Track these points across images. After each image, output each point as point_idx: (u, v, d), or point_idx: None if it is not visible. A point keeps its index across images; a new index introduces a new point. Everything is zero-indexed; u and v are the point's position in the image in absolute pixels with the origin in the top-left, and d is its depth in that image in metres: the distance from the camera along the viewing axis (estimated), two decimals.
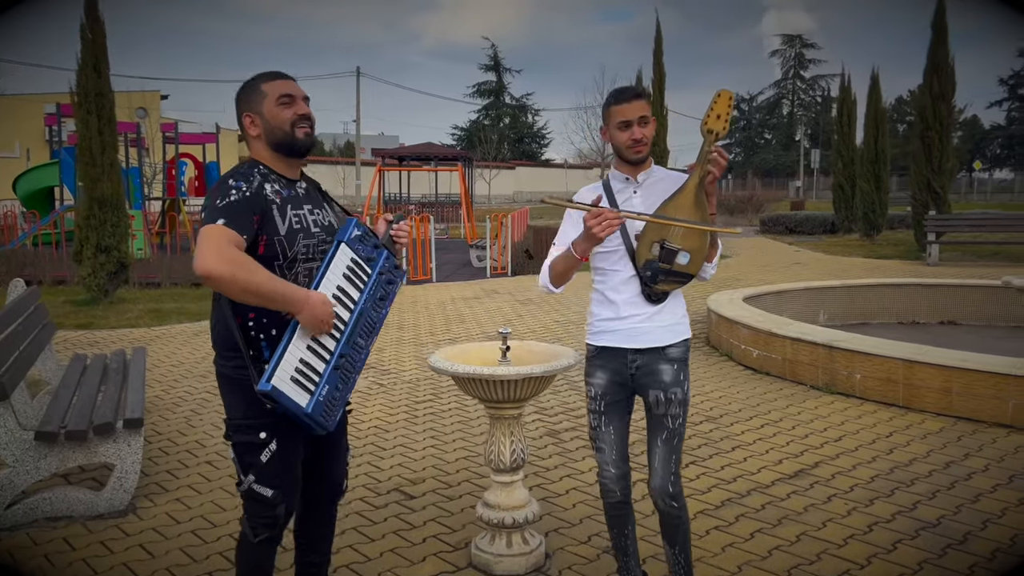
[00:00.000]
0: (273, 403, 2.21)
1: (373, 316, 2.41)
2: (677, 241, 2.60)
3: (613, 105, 2.66)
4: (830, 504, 3.88)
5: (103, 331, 8.93)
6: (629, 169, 2.75)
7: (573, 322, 9.14)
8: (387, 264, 2.45)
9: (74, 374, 4.91)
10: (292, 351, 2.25)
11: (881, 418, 5.29)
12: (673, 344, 2.72)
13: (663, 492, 2.71)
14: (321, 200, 2.54)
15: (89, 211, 10.14)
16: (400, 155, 30.58)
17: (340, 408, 2.33)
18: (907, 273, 12.84)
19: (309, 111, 2.41)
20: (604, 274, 2.79)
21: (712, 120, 2.56)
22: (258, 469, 2.36)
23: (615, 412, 2.80)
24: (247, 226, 2.21)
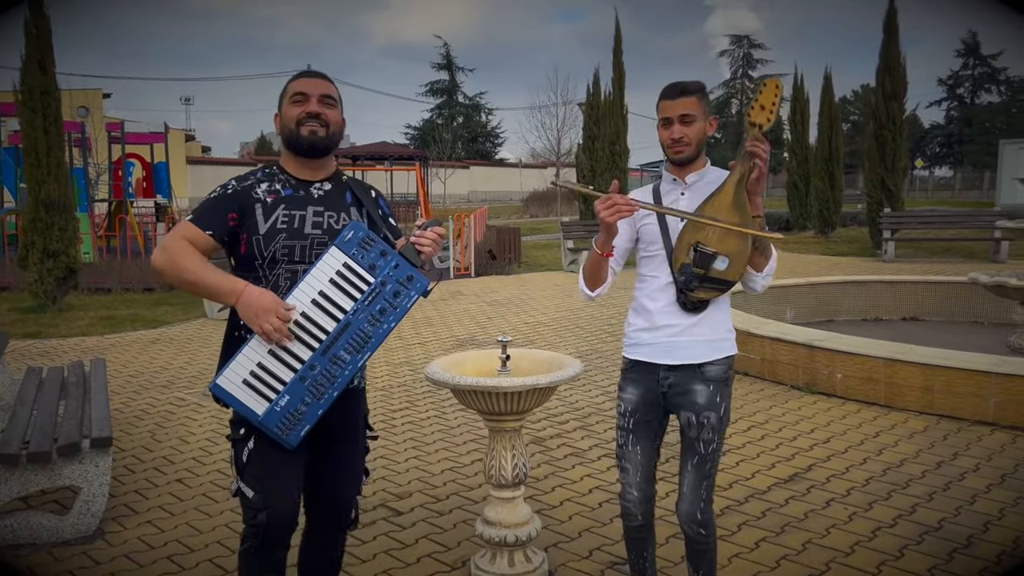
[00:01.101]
0: (223, 405, 2.13)
1: (366, 330, 2.19)
2: (713, 244, 2.39)
3: (660, 100, 2.49)
4: (830, 509, 3.81)
5: (53, 340, 8.52)
6: (677, 170, 2.57)
7: (544, 324, 9.02)
8: (394, 273, 2.23)
9: (30, 389, 4.61)
10: (249, 354, 2.14)
11: (865, 418, 5.27)
12: (711, 362, 2.50)
13: (690, 518, 2.54)
14: (348, 205, 2.36)
15: (35, 214, 9.69)
16: (354, 154, 30.13)
17: (306, 424, 2.15)
18: (865, 270, 13.02)
19: (320, 110, 2.27)
20: (643, 280, 2.61)
21: (755, 112, 2.38)
22: (242, 468, 2.26)
23: (643, 432, 2.62)
24: (215, 222, 2.21)
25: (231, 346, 2.25)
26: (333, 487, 2.44)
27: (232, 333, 2.29)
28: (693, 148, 2.48)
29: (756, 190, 2.39)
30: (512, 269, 14.71)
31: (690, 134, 2.46)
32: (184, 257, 2.15)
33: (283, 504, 2.26)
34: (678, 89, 2.47)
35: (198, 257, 2.17)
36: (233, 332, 2.29)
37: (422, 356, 7.45)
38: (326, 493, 2.44)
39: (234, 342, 2.26)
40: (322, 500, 2.45)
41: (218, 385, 2.12)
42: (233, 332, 2.29)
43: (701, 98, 2.47)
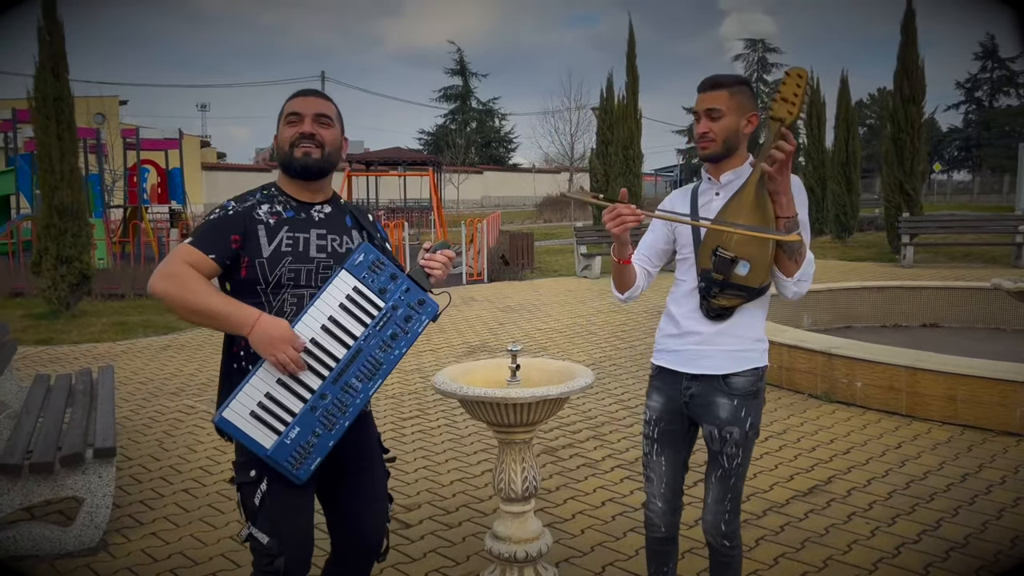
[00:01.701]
0: (229, 439, 2.02)
1: (378, 356, 2.10)
2: (732, 248, 2.25)
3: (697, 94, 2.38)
4: (851, 524, 3.69)
5: (64, 346, 8.51)
6: (712, 168, 2.42)
7: (557, 330, 8.92)
8: (405, 297, 2.14)
9: (37, 397, 4.57)
10: (256, 384, 2.02)
11: (886, 428, 5.13)
12: (736, 373, 2.37)
13: (714, 529, 2.44)
14: (349, 228, 2.27)
15: (48, 220, 9.70)
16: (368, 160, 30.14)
17: (317, 456, 2.04)
18: (883, 275, 12.83)
19: (314, 130, 2.18)
20: (675, 284, 2.51)
21: (777, 105, 2.20)
22: (254, 512, 2.12)
23: (669, 442, 2.51)
24: (217, 245, 2.10)
25: (231, 378, 2.14)
26: (360, 520, 2.30)
27: (231, 365, 2.17)
28: (719, 145, 2.33)
29: (776, 188, 2.23)
30: (525, 275, 14.62)
31: (716, 129, 2.32)
32: (192, 284, 2.02)
33: (301, 547, 2.16)
34: (710, 82, 2.35)
35: (206, 283, 2.05)
36: (232, 364, 2.17)
37: (433, 363, 7.37)
38: (353, 527, 2.31)
39: (234, 374, 2.14)
40: (350, 534, 2.32)
41: (224, 418, 1.99)
42: (232, 364, 2.17)
43: (735, 93, 2.32)
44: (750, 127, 2.36)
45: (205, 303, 2.01)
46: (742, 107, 2.33)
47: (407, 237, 14.08)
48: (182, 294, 2.01)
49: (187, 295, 2.01)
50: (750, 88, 2.38)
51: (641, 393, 6.10)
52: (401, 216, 22.50)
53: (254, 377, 2.03)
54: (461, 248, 14.44)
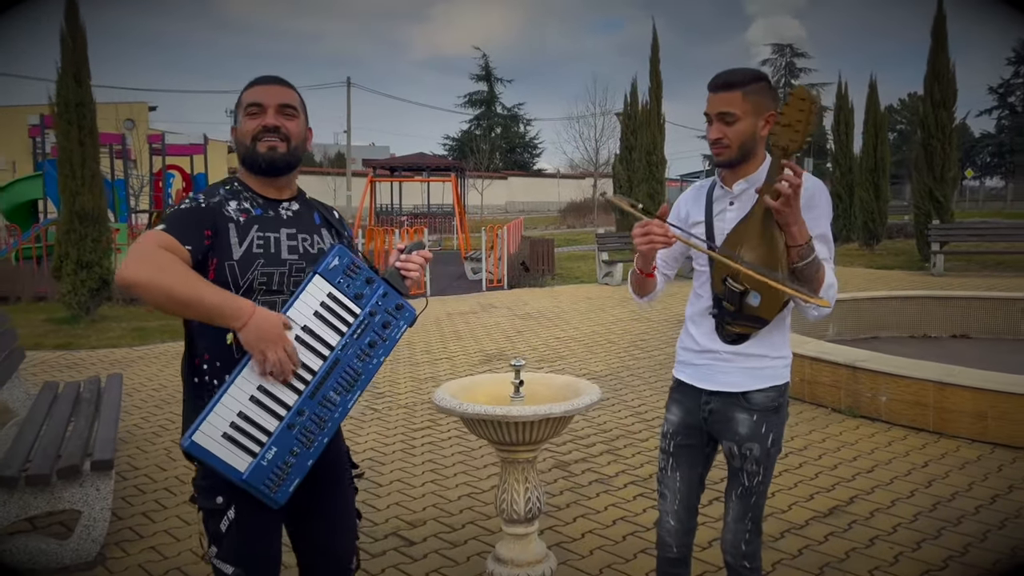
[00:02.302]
0: (199, 464, 1.86)
1: (356, 366, 1.96)
2: (742, 279, 2.11)
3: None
4: (873, 548, 3.52)
5: (82, 351, 8.52)
6: (726, 174, 2.25)
7: (575, 339, 8.79)
8: (382, 303, 2.00)
9: (43, 405, 4.52)
10: (228, 402, 1.84)
11: (913, 445, 4.94)
12: (756, 390, 2.25)
13: (734, 549, 2.33)
14: (318, 227, 2.13)
15: (69, 225, 9.75)
16: (392, 165, 30.20)
17: (295, 477, 1.89)
18: (912, 284, 12.55)
19: (278, 122, 2.01)
20: (694, 295, 2.38)
21: (779, 132, 1.98)
22: (219, 539, 1.98)
23: (685, 457, 2.40)
24: (192, 236, 1.89)
25: (197, 394, 1.97)
26: (328, 540, 2.17)
27: (192, 379, 1.99)
28: (735, 151, 2.15)
29: (788, 221, 2.02)
30: (545, 281, 14.49)
31: (730, 135, 2.13)
32: (173, 268, 1.79)
33: (268, 573, 2.04)
34: (720, 80, 2.15)
35: (189, 270, 1.83)
36: (193, 378, 1.99)
37: (448, 371, 7.27)
38: (323, 547, 2.17)
39: (199, 389, 1.97)
40: (320, 554, 2.18)
41: (194, 443, 1.81)
42: (193, 378, 1.99)
43: (749, 93, 2.11)
44: (767, 128, 2.14)
45: (192, 290, 1.79)
46: (758, 107, 2.13)
47: (428, 243, 13.99)
48: (163, 279, 1.77)
49: (170, 280, 1.77)
50: (767, 83, 2.16)
51: (659, 405, 5.95)
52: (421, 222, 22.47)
53: (225, 395, 1.86)
54: (481, 254, 14.35)
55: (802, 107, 1.94)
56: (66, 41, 9.55)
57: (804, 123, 1.94)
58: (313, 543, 2.17)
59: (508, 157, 61.01)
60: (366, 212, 24.41)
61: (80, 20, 9.66)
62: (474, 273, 14.91)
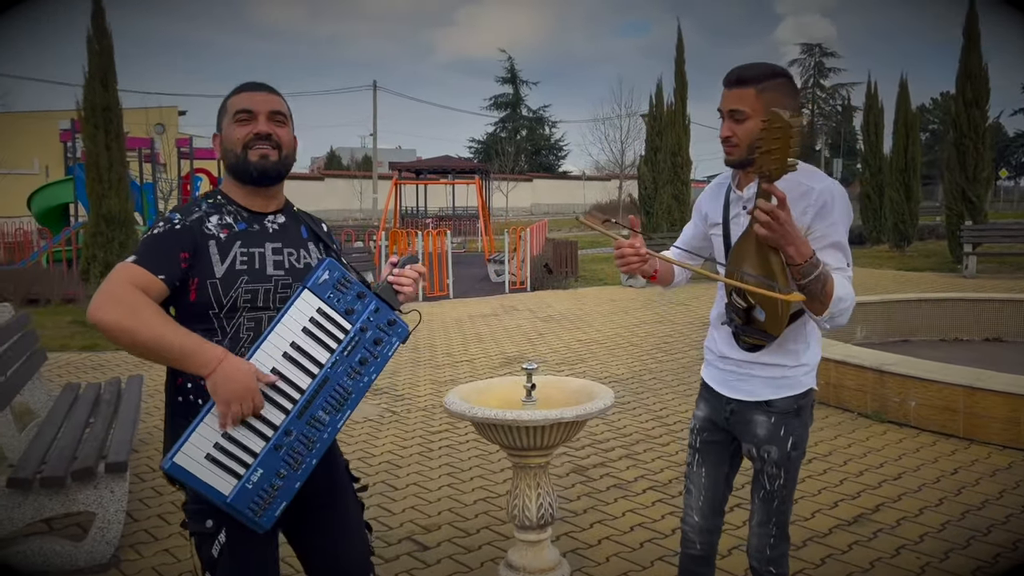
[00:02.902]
0: (181, 487, 1.78)
1: (347, 384, 1.88)
2: (747, 295, 2.07)
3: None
4: (899, 559, 3.42)
5: (108, 353, 8.60)
6: (740, 176, 2.17)
7: (598, 342, 8.71)
8: (374, 319, 1.93)
9: (63, 406, 4.55)
10: (212, 422, 1.78)
11: (942, 451, 4.81)
12: (779, 399, 2.18)
13: (759, 554, 2.27)
14: (305, 240, 2.07)
15: (96, 228, 9.89)
16: (417, 168, 30.32)
17: (282, 500, 1.81)
18: (944, 286, 12.30)
19: (270, 129, 1.95)
20: (719, 298, 2.33)
21: (760, 159, 1.89)
22: (212, 566, 1.91)
23: (711, 453, 2.36)
24: (165, 264, 1.83)
25: (181, 414, 1.90)
26: (337, 559, 2.09)
27: (175, 398, 1.93)
28: (744, 151, 2.07)
29: (779, 243, 1.94)
30: (569, 283, 14.41)
31: (740, 134, 2.06)
32: (143, 313, 1.73)
33: None
34: (734, 76, 2.06)
35: (159, 312, 1.78)
36: (176, 397, 1.93)
37: (469, 374, 7.23)
38: (331, 567, 2.10)
39: (183, 408, 1.91)
40: (327, 570, 2.11)
41: (176, 464, 1.74)
42: (176, 397, 1.93)
43: (763, 91, 2.02)
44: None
45: (160, 338, 1.73)
46: (772, 106, 1.99)
47: (450, 245, 13.99)
48: (134, 324, 1.72)
49: (140, 326, 1.72)
50: (787, 80, 2.06)
51: (680, 409, 5.86)
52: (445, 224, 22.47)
53: (208, 415, 1.79)
54: (504, 256, 14.32)
55: (776, 134, 1.82)
56: (92, 46, 9.68)
57: (782, 148, 1.83)
58: (322, 562, 2.11)
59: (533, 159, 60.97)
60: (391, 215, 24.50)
61: (107, 25, 9.79)
62: (497, 275, 14.87)
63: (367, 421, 5.72)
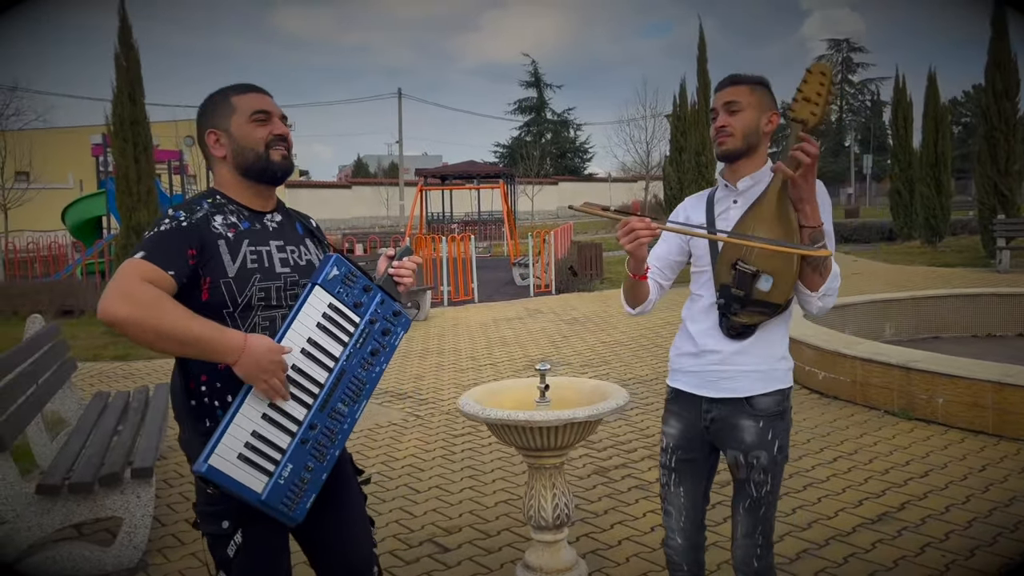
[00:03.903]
0: (215, 488, 1.81)
1: (361, 375, 1.94)
2: (754, 261, 2.07)
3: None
4: (924, 556, 3.37)
5: (139, 362, 8.76)
6: (729, 173, 2.26)
7: (622, 343, 8.69)
8: (381, 310, 1.99)
9: (92, 415, 4.64)
10: (241, 421, 1.81)
11: (970, 448, 4.73)
12: (762, 395, 2.19)
13: (746, 567, 2.24)
14: (302, 237, 2.12)
15: (126, 240, 10.06)
16: (442, 174, 30.47)
17: (311, 493, 1.85)
18: (976, 282, 12.09)
19: (286, 131, 2.03)
20: (691, 299, 2.34)
21: (799, 106, 2.03)
22: (227, 566, 1.95)
23: (688, 472, 2.33)
24: (175, 260, 1.82)
25: (197, 417, 1.92)
26: (343, 552, 2.13)
27: (188, 402, 1.93)
28: (739, 140, 2.18)
29: (802, 196, 2.04)
30: (594, 286, 14.38)
31: (734, 123, 2.17)
32: (160, 304, 1.72)
33: None
34: (727, 79, 2.23)
35: (176, 303, 1.77)
36: (189, 401, 1.93)
37: (492, 377, 7.25)
38: (337, 559, 2.13)
39: (198, 411, 1.92)
40: (335, 567, 2.14)
41: (212, 467, 1.76)
42: (189, 401, 1.93)
43: (755, 89, 2.18)
44: (770, 126, 2.20)
45: (183, 328, 1.72)
46: (762, 103, 2.18)
47: (475, 250, 14.04)
48: (149, 317, 1.70)
49: (157, 319, 1.70)
50: (769, 88, 2.24)
51: None
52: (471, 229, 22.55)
53: (237, 415, 1.82)
54: (528, 260, 14.33)
55: (822, 80, 1.99)
56: (120, 62, 9.86)
57: (824, 96, 2.00)
58: (327, 555, 2.14)
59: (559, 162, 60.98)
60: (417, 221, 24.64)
61: (133, 41, 9.97)
62: (522, 279, 14.89)
63: (391, 425, 5.76)
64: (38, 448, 4.87)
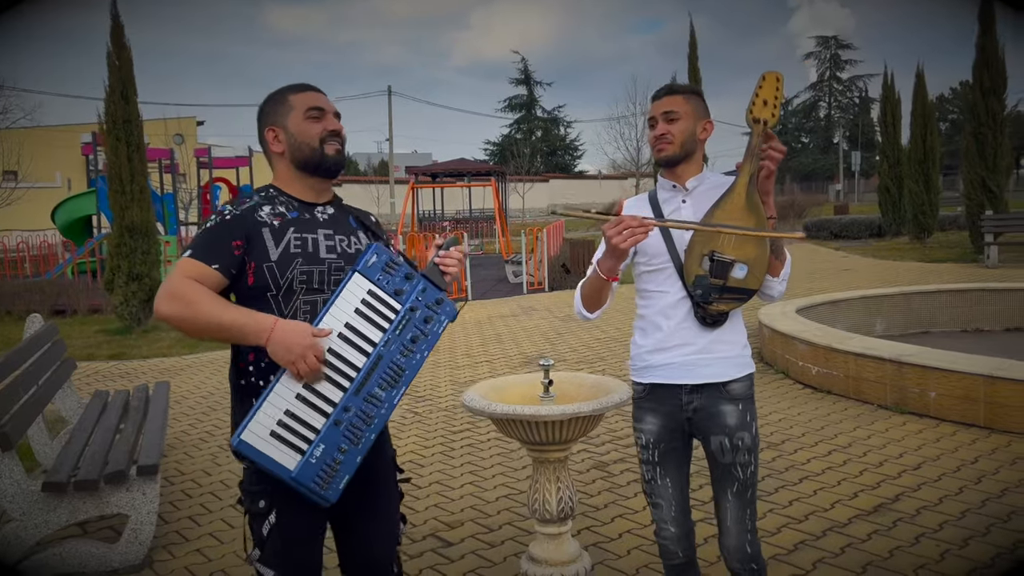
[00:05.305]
0: (249, 463, 1.90)
1: (399, 361, 1.97)
2: (730, 251, 2.22)
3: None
4: (919, 547, 3.44)
5: (135, 361, 8.76)
6: (673, 175, 2.40)
7: (615, 339, 8.75)
8: (422, 298, 2.02)
9: (93, 413, 4.66)
10: (275, 400, 1.89)
11: (962, 441, 4.81)
12: (736, 379, 2.32)
13: (740, 554, 2.31)
14: (354, 229, 2.18)
15: (120, 239, 10.03)
16: (433, 172, 30.44)
17: (344, 474, 1.91)
18: (965, 277, 12.21)
19: (340, 127, 2.12)
20: (649, 297, 2.41)
21: (758, 107, 2.22)
22: (261, 544, 2.03)
23: (671, 461, 2.41)
24: (219, 254, 1.96)
25: (245, 396, 2.02)
26: (368, 544, 2.19)
27: (239, 381, 2.04)
28: (677, 147, 2.33)
29: (767, 189, 2.25)
30: None
31: (673, 131, 2.32)
32: (199, 300, 1.89)
33: None
34: (664, 89, 2.39)
35: (213, 297, 1.92)
36: (240, 380, 2.04)
37: (488, 374, 7.29)
38: (361, 552, 2.20)
39: (247, 391, 2.02)
40: (359, 558, 2.21)
41: (243, 441, 1.85)
42: (240, 380, 2.04)
43: (690, 98, 2.35)
44: (705, 134, 2.37)
45: (217, 318, 1.88)
46: (697, 112, 2.34)
47: (468, 247, 14.06)
48: (190, 313, 1.88)
49: (196, 313, 1.88)
50: (703, 98, 2.40)
51: None
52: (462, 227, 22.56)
53: (271, 394, 1.90)
54: (521, 257, 14.37)
55: (777, 85, 2.22)
56: (112, 61, 9.83)
57: (779, 99, 2.22)
58: (354, 545, 2.20)
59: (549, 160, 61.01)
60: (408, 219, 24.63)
61: (125, 40, 9.94)
62: (515, 276, 14.94)
63: (389, 421, 5.79)
64: (38, 447, 4.89)
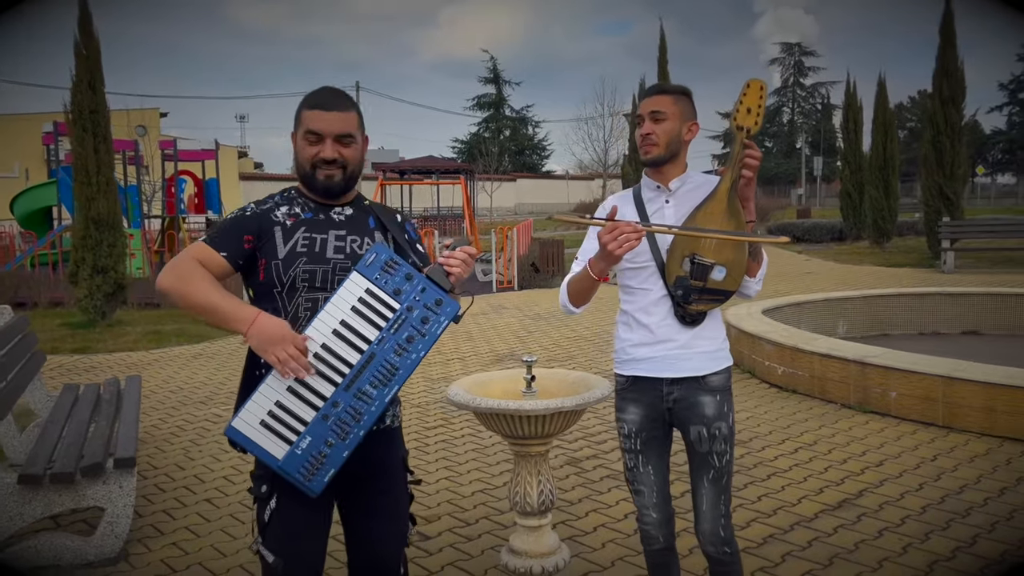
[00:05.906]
0: (241, 451, 2.00)
1: (393, 360, 2.00)
2: (710, 254, 2.31)
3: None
4: (882, 540, 3.57)
5: (100, 355, 8.64)
6: (658, 175, 2.45)
7: (585, 338, 8.85)
8: (421, 298, 2.04)
9: (64, 406, 4.61)
10: (266, 391, 1.97)
11: (922, 439, 4.98)
12: (715, 372, 2.42)
13: (714, 537, 2.41)
14: (372, 230, 2.21)
15: (85, 231, 9.88)
16: (401, 169, 30.33)
17: (330, 468, 1.95)
18: (922, 281, 12.55)
19: (335, 154, 2.10)
20: (632, 293, 2.49)
21: (742, 115, 2.28)
22: (263, 528, 2.10)
23: (653, 450, 2.50)
24: (229, 243, 2.09)
25: (249, 386, 2.09)
26: (376, 544, 2.22)
27: (252, 372, 2.13)
28: (662, 148, 2.38)
29: (748, 195, 2.32)
30: (556, 282, 14.54)
31: (659, 132, 2.36)
32: (195, 278, 2.01)
33: (309, 567, 2.11)
34: (654, 88, 2.43)
35: (209, 279, 2.03)
36: (253, 371, 2.12)
37: (460, 372, 7.34)
38: (368, 550, 2.23)
39: (253, 381, 2.09)
40: (366, 556, 2.24)
41: (234, 428, 1.95)
42: (253, 371, 2.12)
43: (679, 99, 2.39)
44: (690, 135, 2.41)
45: (205, 298, 1.99)
46: (684, 114, 2.39)
47: (437, 245, 14.08)
48: (183, 288, 2.01)
49: (188, 289, 2.01)
50: (691, 99, 2.43)
51: None
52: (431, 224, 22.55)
53: (264, 385, 1.97)
54: (491, 256, 14.43)
55: (760, 93, 2.28)
56: (80, 50, 9.68)
57: (762, 107, 2.27)
58: (361, 546, 2.24)
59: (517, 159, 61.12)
60: None
61: (93, 29, 9.79)
62: (484, 275, 14.99)
63: None
64: (6, 440, 4.81)
